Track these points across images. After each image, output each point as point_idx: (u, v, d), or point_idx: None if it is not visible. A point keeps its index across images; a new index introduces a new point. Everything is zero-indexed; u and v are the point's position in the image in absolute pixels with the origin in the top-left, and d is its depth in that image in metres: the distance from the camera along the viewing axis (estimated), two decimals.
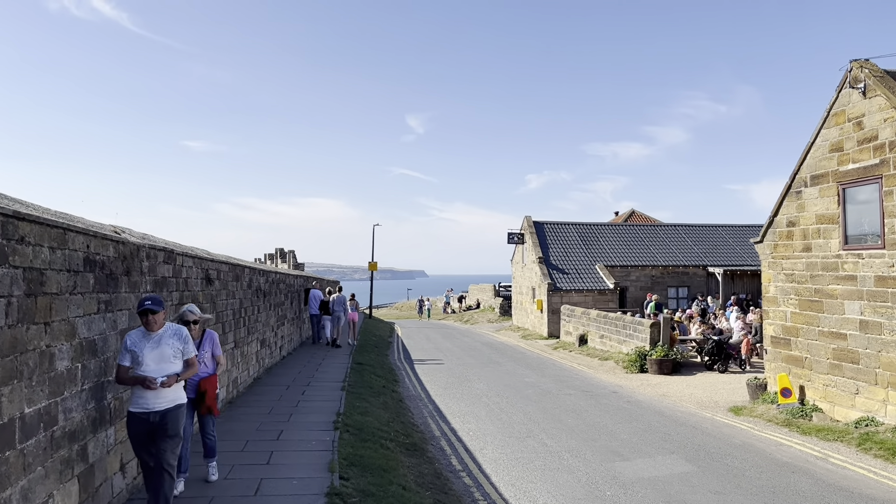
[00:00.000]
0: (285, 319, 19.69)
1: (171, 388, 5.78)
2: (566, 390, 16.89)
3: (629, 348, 22.32)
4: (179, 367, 5.89)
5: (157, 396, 5.69)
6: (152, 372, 5.64)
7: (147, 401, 5.67)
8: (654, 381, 18.91)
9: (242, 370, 13.21)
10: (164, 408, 5.72)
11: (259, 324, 15.22)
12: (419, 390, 16.57)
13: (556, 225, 37.82)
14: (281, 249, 60.30)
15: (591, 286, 33.44)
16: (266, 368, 16.02)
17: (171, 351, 5.80)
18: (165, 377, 5.70)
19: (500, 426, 12.61)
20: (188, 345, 5.98)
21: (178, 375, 5.84)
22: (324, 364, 18.01)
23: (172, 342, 5.83)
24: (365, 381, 15.49)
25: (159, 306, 5.73)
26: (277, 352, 18.06)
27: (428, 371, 20.11)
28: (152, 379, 5.58)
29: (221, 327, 11.23)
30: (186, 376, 6.00)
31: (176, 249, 8.55)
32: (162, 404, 5.72)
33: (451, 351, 26.38)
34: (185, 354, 5.96)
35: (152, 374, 5.63)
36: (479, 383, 17.84)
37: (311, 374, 15.99)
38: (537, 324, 34.79)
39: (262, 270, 15.91)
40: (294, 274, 22.86)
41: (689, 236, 38.27)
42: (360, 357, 20.43)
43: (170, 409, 5.76)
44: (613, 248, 36.62)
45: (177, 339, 5.88)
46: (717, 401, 15.80)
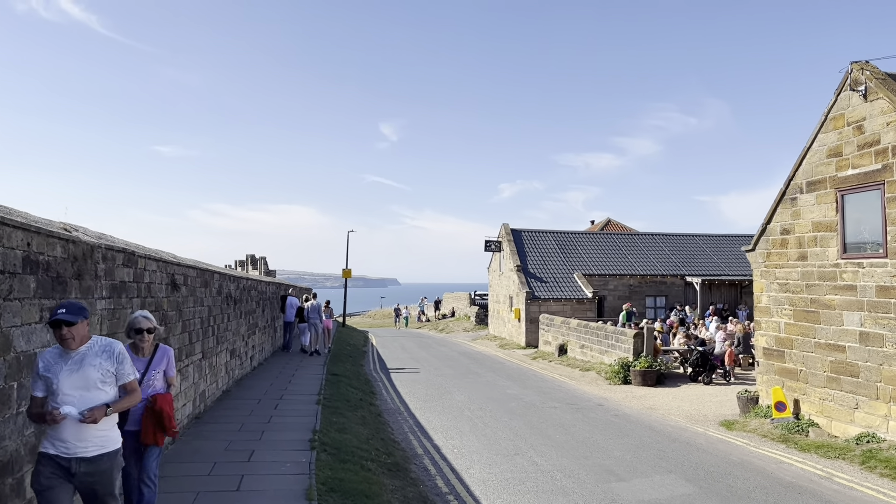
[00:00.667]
0: (257, 328, 18.81)
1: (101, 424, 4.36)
2: (550, 403, 16.26)
3: (612, 359, 21.78)
4: (111, 395, 4.47)
5: (80, 437, 4.29)
6: (72, 403, 4.26)
7: (66, 443, 4.28)
8: (639, 392, 18.37)
9: (211, 382, 12.35)
10: (91, 453, 4.33)
11: (229, 333, 14.36)
12: (398, 403, 15.80)
13: (533, 233, 37.32)
14: (252, 256, 59.10)
15: (569, 295, 32.96)
16: (236, 380, 15.14)
17: (97, 374, 4.39)
18: (88, 410, 4.27)
19: (485, 442, 11.90)
20: (124, 365, 4.56)
21: (110, 406, 4.41)
22: (297, 375, 17.16)
23: (100, 362, 4.42)
24: (341, 394, 14.69)
25: (78, 315, 4.34)
26: (248, 362, 17.18)
27: (406, 382, 19.35)
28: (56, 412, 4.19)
29: (188, 336, 10.39)
30: (123, 407, 4.56)
31: (138, 251, 7.74)
32: (89, 449, 4.31)
33: (428, 361, 25.64)
34: (121, 378, 4.54)
35: (72, 405, 4.25)
36: (459, 395, 17.13)
37: (283, 385, 15.15)
38: (515, 333, 34.19)
39: (233, 276, 15.07)
40: (266, 280, 21.99)
41: (667, 245, 38.03)
42: (335, 367, 19.60)
43: (99, 458, 4.36)
44: (591, 256, 36.23)
45: (106, 359, 4.46)
46: (707, 414, 15.28)
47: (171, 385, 6.04)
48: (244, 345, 16.53)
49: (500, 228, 37.59)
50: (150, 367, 5.74)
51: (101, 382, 4.43)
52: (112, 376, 4.52)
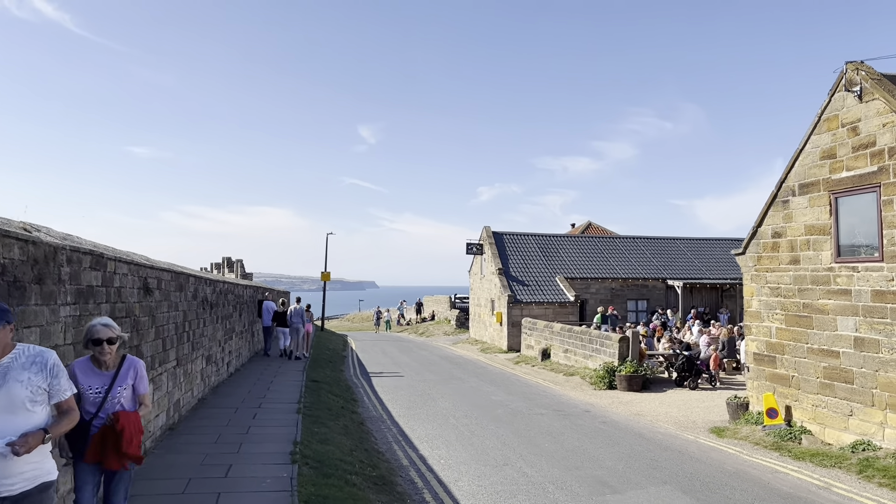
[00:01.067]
0: (234, 333, 18.24)
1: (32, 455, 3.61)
2: (537, 409, 15.89)
3: (596, 364, 21.49)
4: (42, 419, 3.75)
5: (5, 472, 3.55)
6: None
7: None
8: (625, 398, 18.08)
9: (186, 390, 11.80)
10: (18, 489, 3.59)
11: (205, 338, 13.81)
12: (380, 411, 15.33)
13: (515, 236, 37.02)
14: (228, 258, 58.13)
15: (551, 298, 32.69)
16: (212, 387, 14.58)
17: (25, 392, 3.62)
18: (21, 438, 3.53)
19: (472, 452, 11.48)
20: (59, 379, 3.81)
21: (46, 432, 3.68)
22: (276, 381, 16.62)
23: (28, 377, 3.66)
24: (322, 402, 14.19)
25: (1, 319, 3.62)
26: (225, 368, 16.61)
27: (388, 388, 18.87)
28: None
29: (162, 343, 9.86)
30: (60, 431, 3.87)
31: (107, 253, 7.23)
32: (15, 485, 3.59)
33: (410, 366, 25.17)
34: (55, 395, 3.82)
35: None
36: (443, 402, 16.70)
37: (262, 393, 14.62)
38: (496, 337, 33.84)
39: (209, 280, 14.52)
40: (243, 284, 21.41)
41: (648, 248, 37.94)
42: (315, 373, 19.08)
43: (27, 495, 3.62)
44: (573, 259, 36.00)
45: (37, 372, 3.71)
46: (696, 420, 15.01)
47: (143, 404, 5.14)
48: (221, 350, 15.97)
49: (481, 231, 37.24)
50: (115, 382, 4.90)
51: (30, 402, 3.67)
52: (44, 393, 3.74)
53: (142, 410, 5.13)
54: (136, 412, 5.05)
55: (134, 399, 5.09)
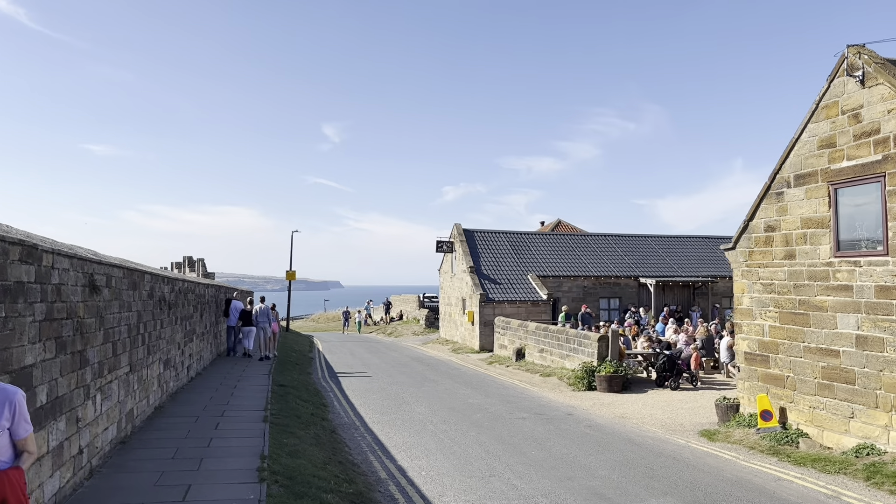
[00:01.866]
0: (195, 335, 17.13)
1: None
2: (517, 413, 15.12)
3: (574, 364, 20.83)
4: None
5: None
6: None
7: None
8: (606, 399, 17.43)
9: (140, 399, 10.74)
10: None
11: (162, 341, 12.74)
12: (353, 417, 14.41)
13: (486, 233, 36.28)
14: (189, 258, 56.30)
15: (523, 297, 32.02)
16: (171, 394, 13.51)
17: None
18: None
19: (455, 462, 10.65)
20: None
21: None
22: (240, 386, 15.59)
23: None
24: (290, 408, 13.22)
25: None
26: (185, 373, 15.51)
27: (358, 392, 17.94)
28: None
29: (112, 347, 8.83)
30: None
31: (42, 245, 6.22)
32: None
33: (380, 367, 24.25)
34: None
35: None
36: (418, 406, 15.83)
37: (225, 399, 13.59)
38: (468, 337, 33.06)
39: (168, 278, 13.44)
40: (205, 283, 20.25)
41: (620, 246, 37.53)
42: (281, 377, 18.06)
43: None
44: (545, 257, 35.39)
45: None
46: (683, 423, 14.39)
47: (27, 452, 3.96)
48: (180, 353, 14.88)
49: (452, 229, 36.42)
50: None
51: None
52: None
53: (25, 462, 3.93)
54: (19, 468, 3.87)
55: (11, 444, 3.87)
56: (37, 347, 6.00)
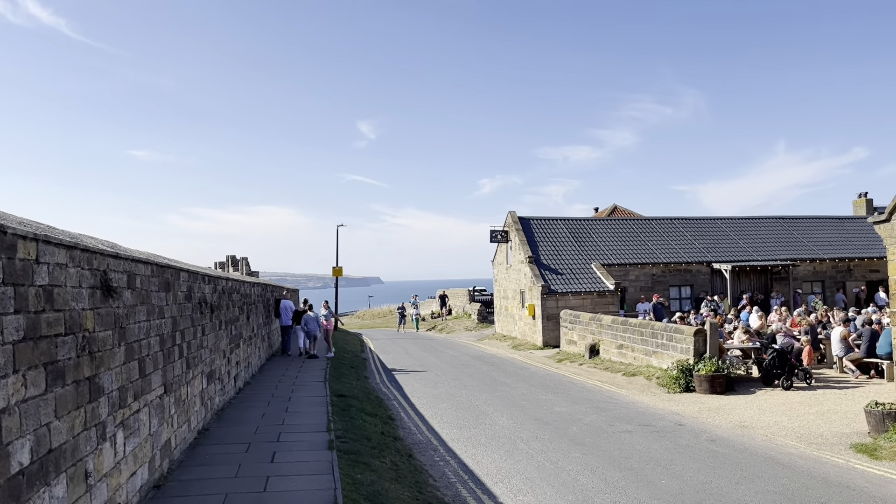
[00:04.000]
0: (241, 339, 15.24)
1: None
2: (618, 424, 12.84)
3: (663, 362, 18.43)
4: None
5: None
6: None
7: None
8: (712, 403, 15.03)
9: (180, 424, 8.78)
10: None
11: (205, 350, 10.80)
12: (427, 433, 12.30)
13: (544, 220, 33.91)
14: (233, 257, 55.04)
15: (588, 288, 29.59)
16: (217, 412, 11.59)
17: None
18: None
19: (571, 499, 8.43)
20: None
21: None
22: (295, 397, 13.63)
23: None
24: (356, 427, 11.15)
25: None
26: (232, 384, 13.61)
27: (426, 400, 15.84)
28: None
29: (138, 367, 6.83)
30: None
31: (20, 230, 4.18)
32: None
33: (441, 368, 22.15)
34: None
35: None
36: (499, 417, 13.66)
37: (279, 416, 11.61)
38: (528, 332, 30.78)
39: (209, 276, 11.49)
40: (250, 281, 18.38)
41: (688, 230, 34.79)
42: (338, 384, 16.08)
43: None
44: (608, 244, 32.88)
45: None
46: (822, 434, 11.96)
47: None
48: (226, 363, 12.97)
49: (506, 217, 34.14)
50: None
51: None
52: None
53: None
54: None
55: None
56: (7, 384, 3.96)
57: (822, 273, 34.00)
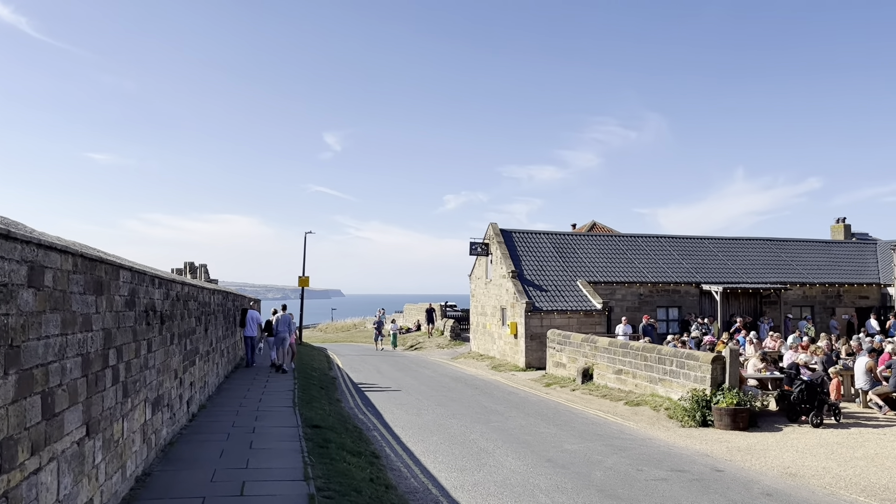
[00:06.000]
0: (197, 355, 12.91)
1: None
2: (646, 469, 10.84)
3: (675, 391, 16.56)
4: None
5: None
6: None
7: None
8: (739, 442, 13.18)
9: (110, 475, 6.51)
10: None
11: (151, 371, 8.52)
12: (421, 478, 10.12)
13: (526, 234, 32.05)
14: (191, 263, 51.94)
15: (574, 306, 27.74)
16: (162, 448, 9.28)
17: None
18: None
19: None
20: None
21: None
22: (261, 428, 11.35)
23: None
24: (339, 472, 8.92)
25: None
26: (184, 410, 11.28)
27: (412, 431, 13.67)
28: None
29: (41, 402, 4.61)
30: None
31: None
32: None
33: (420, 391, 19.97)
34: None
35: None
36: (503, 456, 11.55)
37: (242, 454, 9.35)
38: (508, 351, 28.77)
39: (160, 278, 9.22)
40: (210, 288, 16.01)
41: (676, 249, 33.25)
42: (310, 410, 13.82)
43: None
44: (594, 261, 31.14)
45: None
46: (886, 485, 10.17)
47: None
48: (177, 385, 10.66)
49: (487, 229, 32.21)
50: None
51: None
52: None
53: None
54: None
55: None
56: None
57: (811, 298, 32.77)
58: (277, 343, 19.78)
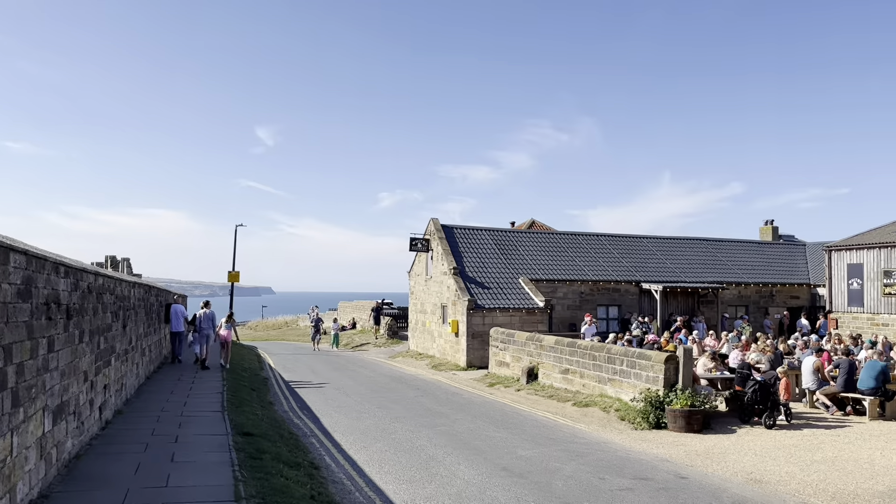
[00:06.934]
0: (113, 355, 11.54)
1: None
2: (608, 477, 10.13)
3: (626, 392, 16.02)
4: None
5: None
6: None
7: None
8: (696, 445, 12.69)
9: None
10: None
11: (52, 374, 7.26)
12: (368, 491, 9.08)
13: (468, 230, 31.31)
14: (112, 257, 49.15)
15: (517, 304, 27.14)
16: (67, 463, 8.00)
17: None
18: None
19: None
20: None
21: None
22: (185, 435, 10.13)
23: None
24: (276, 490, 7.81)
25: None
26: (95, 418, 9.95)
27: (353, 437, 12.64)
28: None
29: None
30: None
31: None
32: None
33: (359, 392, 18.92)
34: None
35: None
36: (455, 464, 10.65)
37: (162, 469, 8.16)
38: (449, 350, 27.95)
39: (66, 266, 7.94)
40: (130, 280, 14.53)
41: (616, 248, 33.11)
42: (241, 414, 12.61)
43: None
44: (536, 259, 30.63)
45: None
46: (853, 490, 9.78)
47: None
48: (88, 389, 9.34)
49: (427, 224, 31.31)
50: None
51: None
52: None
53: None
54: None
55: None
56: None
57: (746, 297, 33.16)
58: (201, 339, 19.63)
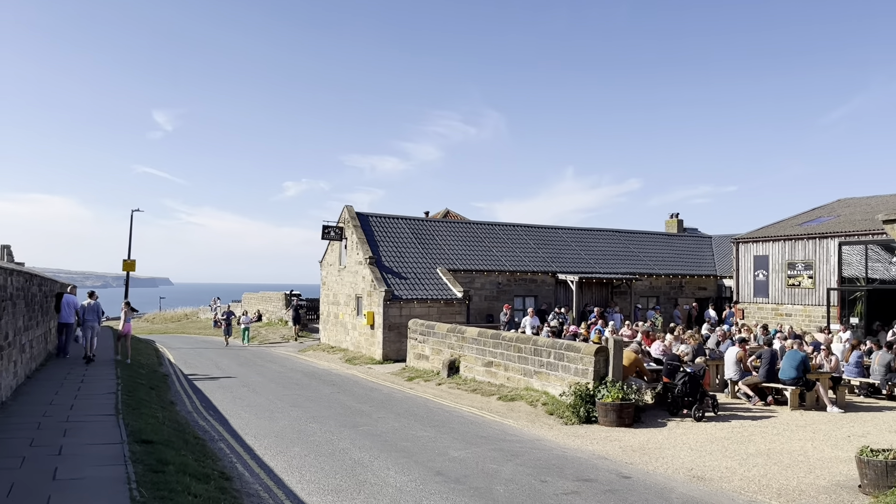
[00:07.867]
0: None
1: None
2: (550, 480, 9.45)
3: (554, 385, 15.50)
4: None
5: None
6: None
7: None
8: (630, 440, 12.27)
9: None
10: None
11: None
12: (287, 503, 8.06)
13: (384, 218, 30.25)
14: None
15: (435, 295, 26.38)
16: None
17: None
18: None
19: None
20: None
21: None
22: (70, 445, 8.69)
23: None
24: None
25: None
26: None
27: (268, 441, 11.47)
28: None
29: None
30: None
31: None
32: None
33: (269, 389, 17.64)
34: None
35: None
36: (383, 469, 9.70)
37: (42, 490, 6.80)
38: (363, 343, 26.88)
39: None
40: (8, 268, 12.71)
41: (532, 238, 32.89)
42: (138, 419, 11.17)
43: None
44: (453, 249, 29.97)
45: None
46: (796, 486, 9.53)
47: None
48: None
49: (341, 211, 30.04)
50: None
51: None
52: None
53: None
54: None
55: None
56: None
57: (657, 288, 33.69)
58: (86, 332, 18.39)
